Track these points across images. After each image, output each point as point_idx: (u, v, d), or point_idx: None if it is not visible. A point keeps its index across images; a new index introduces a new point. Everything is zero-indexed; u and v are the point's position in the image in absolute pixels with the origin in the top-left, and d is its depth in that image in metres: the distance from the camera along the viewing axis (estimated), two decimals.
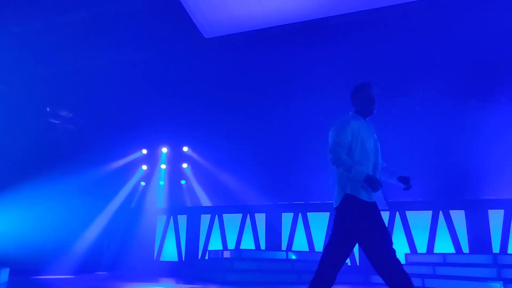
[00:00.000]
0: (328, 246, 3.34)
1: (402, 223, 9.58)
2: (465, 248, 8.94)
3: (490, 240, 8.77)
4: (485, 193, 9.35)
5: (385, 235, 3.24)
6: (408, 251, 9.22)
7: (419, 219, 9.45)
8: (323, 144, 11.77)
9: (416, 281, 7.69)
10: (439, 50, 8.74)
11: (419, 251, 9.19)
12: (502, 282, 6.21)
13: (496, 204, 8.95)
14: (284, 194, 11.19)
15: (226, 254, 9.42)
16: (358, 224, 3.25)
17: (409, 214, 9.57)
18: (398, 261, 3.19)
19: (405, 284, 3.11)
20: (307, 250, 10.07)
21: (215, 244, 11.01)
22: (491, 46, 8.45)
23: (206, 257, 10.51)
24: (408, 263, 8.77)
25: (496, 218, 8.83)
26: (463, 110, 9.56)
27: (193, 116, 11.50)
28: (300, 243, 10.29)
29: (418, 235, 9.40)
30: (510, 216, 8.76)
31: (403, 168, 10.49)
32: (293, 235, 10.41)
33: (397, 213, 9.65)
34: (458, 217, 9.20)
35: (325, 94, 10.24)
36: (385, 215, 9.72)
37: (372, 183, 3.24)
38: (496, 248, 8.67)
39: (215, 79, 10.65)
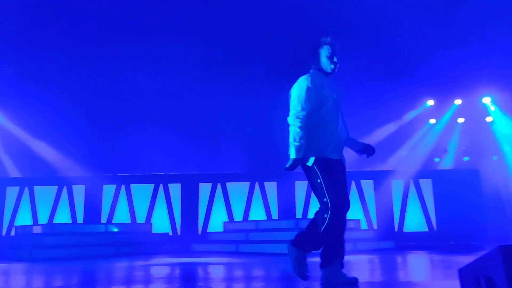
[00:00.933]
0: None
1: (223, 193, 10.15)
2: (275, 215, 9.98)
3: (295, 207, 9.98)
4: None
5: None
6: (226, 220, 9.84)
7: (238, 190, 10.15)
8: (150, 113, 11.54)
9: (231, 247, 8.31)
10: (258, 36, 9.45)
11: (236, 219, 9.90)
12: None
13: (302, 176, 10.15)
14: (107, 166, 10.71)
15: (37, 229, 8.62)
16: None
17: (229, 185, 10.19)
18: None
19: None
20: (129, 222, 9.91)
21: (23, 219, 9.94)
22: (302, 34, 9.41)
23: (12, 234, 9.44)
24: (225, 231, 9.38)
25: (301, 188, 10.06)
26: (278, 91, 10.50)
27: (3, 76, 9.98)
28: (122, 215, 10.05)
29: (236, 204, 10.09)
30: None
31: (225, 144, 11.04)
32: (115, 208, 10.09)
33: (219, 184, 10.17)
34: (271, 187, 10.18)
35: (156, 61, 10.07)
36: (207, 187, 10.17)
37: (289, 168, 3.26)
38: (299, 214, 9.92)
39: (34, 32, 9.43)
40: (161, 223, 9.89)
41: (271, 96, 10.21)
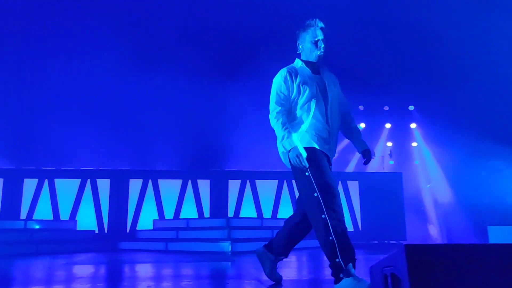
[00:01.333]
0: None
1: (154, 190, 9.91)
2: (207, 213, 9.93)
3: (228, 205, 10.00)
4: (227, 165, 10.60)
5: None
6: (157, 217, 9.63)
7: (170, 187, 9.97)
8: (79, 105, 11.01)
9: (160, 245, 8.14)
10: (192, 32, 9.38)
11: (166, 217, 9.72)
12: (230, 241, 7.17)
13: (235, 175, 10.23)
14: (29, 158, 10.06)
15: None
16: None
17: (161, 182, 9.98)
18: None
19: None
20: (51, 218, 9.39)
21: None
22: (233, 31, 9.47)
23: None
24: (155, 229, 9.18)
25: (234, 186, 10.10)
26: (212, 88, 10.47)
27: None
28: (44, 212, 9.49)
29: (167, 202, 9.91)
30: (245, 185, 10.16)
31: (157, 140, 10.79)
32: (36, 203, 9.51)
33: (150, 181, 9.93)
34: (204, 185, 10.12)
35: (86, 53, 9.65)
36: (137, 183, 9.89)
37: (293, 155, 2.86)
38: (231, 212, 9.94)
39: None
40: (87, 220, 9.47)
41: (205, 93, 10.18)
